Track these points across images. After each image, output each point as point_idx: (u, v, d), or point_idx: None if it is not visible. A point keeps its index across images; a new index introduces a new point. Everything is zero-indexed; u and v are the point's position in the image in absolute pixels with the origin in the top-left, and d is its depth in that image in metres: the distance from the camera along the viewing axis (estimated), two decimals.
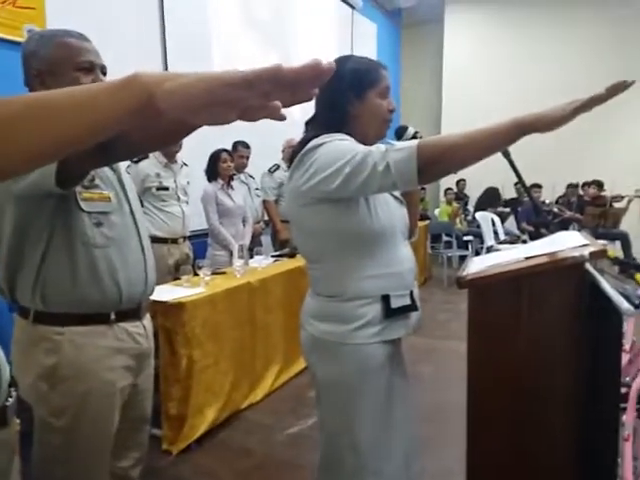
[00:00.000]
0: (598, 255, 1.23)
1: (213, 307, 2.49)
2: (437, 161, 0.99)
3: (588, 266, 1.18)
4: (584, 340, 1.23)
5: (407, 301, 1.22)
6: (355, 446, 1.19)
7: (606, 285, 1.03)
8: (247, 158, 3.92)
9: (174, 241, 3.10)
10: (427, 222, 6.27)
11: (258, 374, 2.87)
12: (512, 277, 1.28)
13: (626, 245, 5.99)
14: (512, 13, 7.70)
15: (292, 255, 3.46)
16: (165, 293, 2.39)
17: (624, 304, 0.90)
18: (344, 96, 1.18)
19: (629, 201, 6.24)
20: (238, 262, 2.90)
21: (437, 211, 7.41)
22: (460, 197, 7.64)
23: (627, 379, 1.55)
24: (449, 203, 7.15)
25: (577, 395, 1.26)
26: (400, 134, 1.38)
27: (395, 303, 1.19)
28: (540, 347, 1.28)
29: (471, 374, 1.36)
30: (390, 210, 1.23)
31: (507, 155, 1.26)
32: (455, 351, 1.38)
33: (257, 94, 0.43)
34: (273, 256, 3.57)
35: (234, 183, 3.57)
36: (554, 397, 1.28)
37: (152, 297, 1.34)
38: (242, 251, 3.02)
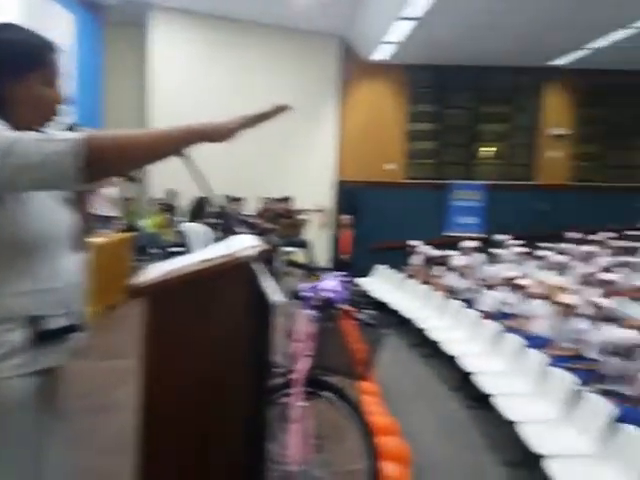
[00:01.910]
0: (264, 254, 1.34)
1: None
2: (103, 158, 0.89)
3: (254, 265, 1.27)
4: (256, 333, 1.31)
5: (64, 322, 1.03)
6: None
7: (262, 281, 1.11)
8: None
9: None
10: (133, 234, 5.94)
11: None
12: (188, 280, 1.26)
13: (309, 250, 7.20)
14: (216, 31, 8.15)
15: None
16: None
17: (273, 296, 0.98)
18: None
19: (310, 213, 7.60)
20: None
21: (145, 222, 7.10)
22: (169, 208, 7.52)
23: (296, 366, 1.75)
24: (158, 214, 6.96)
25: (254, 386, 1.33)
26: None
27: (48, 325, 0.99)
28: (221, 347, 1.30)
29: (148, 388, 1.27)
30: (51, 215, 1.03)
31: (189, 163, 1.23)
32: None
33: None
34: None
35: None
36: (234, 394, 1.31)
37: None
38: None
